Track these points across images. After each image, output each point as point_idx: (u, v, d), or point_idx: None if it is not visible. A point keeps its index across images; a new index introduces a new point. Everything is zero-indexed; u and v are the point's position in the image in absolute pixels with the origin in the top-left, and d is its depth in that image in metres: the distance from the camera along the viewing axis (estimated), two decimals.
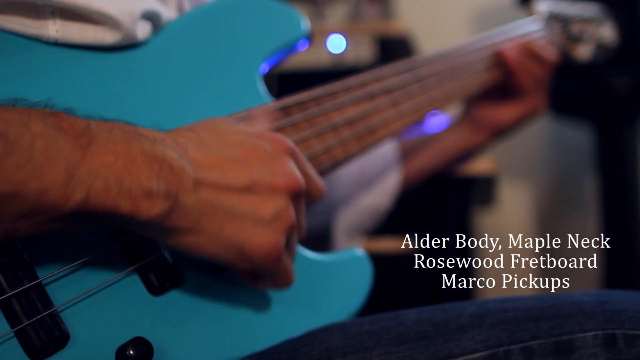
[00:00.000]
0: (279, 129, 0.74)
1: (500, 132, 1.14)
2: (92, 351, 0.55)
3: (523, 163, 2.39)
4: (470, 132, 1.14)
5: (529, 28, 1.14)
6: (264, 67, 0.76)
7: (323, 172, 0.78)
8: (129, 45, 0.67)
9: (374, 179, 1.14)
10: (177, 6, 0.80)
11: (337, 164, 0.80)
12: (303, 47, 0.80)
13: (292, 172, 0.59)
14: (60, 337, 0.53)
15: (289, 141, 0.62)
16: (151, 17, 0.70)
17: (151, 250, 0.60)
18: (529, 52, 1.09)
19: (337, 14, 2.29)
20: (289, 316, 0.68)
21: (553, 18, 1.21)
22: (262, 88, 0.75)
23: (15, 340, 0.52)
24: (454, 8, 2.40)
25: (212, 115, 0.69)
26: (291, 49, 0.78)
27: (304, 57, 1.88)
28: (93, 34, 0.64)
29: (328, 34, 1.92)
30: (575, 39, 1.24)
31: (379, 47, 1.91)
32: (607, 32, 1.34)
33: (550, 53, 1.12)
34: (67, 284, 0.55)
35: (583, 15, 1.28)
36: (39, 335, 0.52)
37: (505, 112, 1.12)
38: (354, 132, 0.83)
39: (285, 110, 0.76)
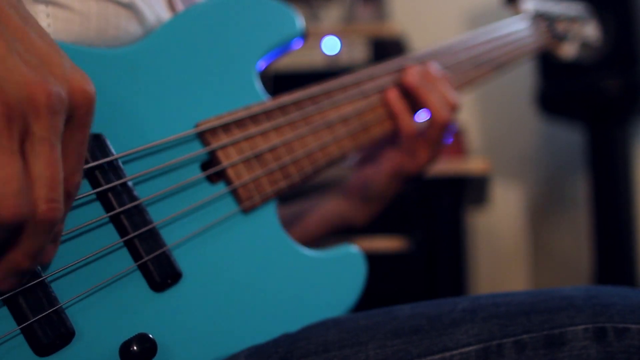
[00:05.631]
0: (277, 128, 0.76)
1: (368, 195, 0.96)
2: (96, 347, 0.56)
3: (515, 163, 2.40)
4: (341, 199, 0.98)
5: (515, 27, 1.15)
6: (261, 65, 0.78)
7: (318, 170, 0.80)
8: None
9: None
10: (167, 4, 0.81)
11: (332, 162, 0.82)
12: (298, 45, 0.81)
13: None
14: (65, 334, 0.54)
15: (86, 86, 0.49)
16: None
17: (153, 247, 0.61)
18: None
19: (331, 15, 2.30)
20: (286, 311, 0.69)
21: (539, 17, 1.22)
22: (259, 85, 0.76)
23: (21, 337, 0.53)
24: (447, 9, 2.42)
25: (211, 112, 0.71)
26: (286, 47, 0.80)
27: (299, 59, 1.90)
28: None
29: (322, 36, 1.93)
30: (561, 38, 1.26)
31: (373, 48, 1.92)
32: (592, 31, 1.35)
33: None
34: (71, 281, 0.57)
35: (568, 14, 1.30)
36: (45, 331, 0.53)
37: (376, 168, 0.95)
38: (349, 130, 0.84)
39: (283, 109, 0.77)
